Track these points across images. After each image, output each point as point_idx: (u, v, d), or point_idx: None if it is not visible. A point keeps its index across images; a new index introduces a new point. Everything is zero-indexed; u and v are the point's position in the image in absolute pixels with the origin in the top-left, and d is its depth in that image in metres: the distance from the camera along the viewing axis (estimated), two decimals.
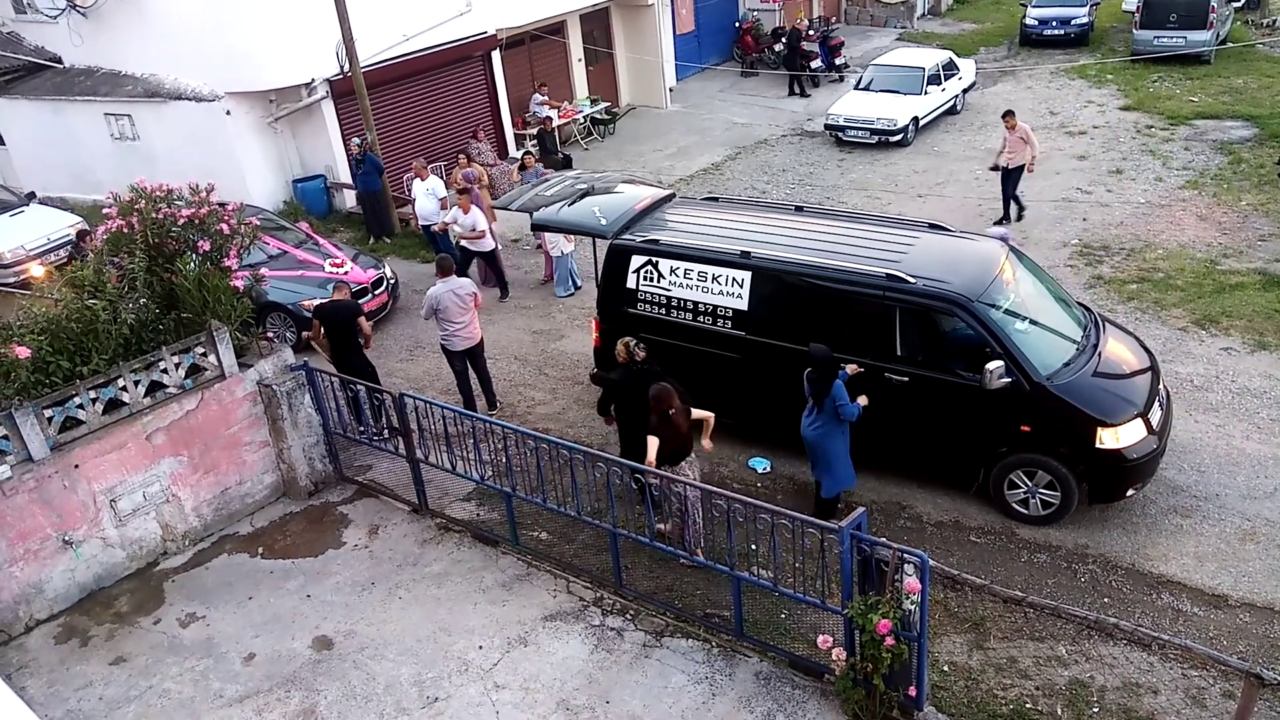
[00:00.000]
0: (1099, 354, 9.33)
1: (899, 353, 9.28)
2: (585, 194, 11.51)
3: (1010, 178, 15.86)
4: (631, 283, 10.48)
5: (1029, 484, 9.11)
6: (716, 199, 12.06)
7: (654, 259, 10.33)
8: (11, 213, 16.41)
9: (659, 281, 10.31)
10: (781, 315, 9.75)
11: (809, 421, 9.00)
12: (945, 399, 9.14)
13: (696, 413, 8.72)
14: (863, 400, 8.93)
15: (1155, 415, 9.07)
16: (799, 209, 11.33)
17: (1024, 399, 8.82)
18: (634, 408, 8.91)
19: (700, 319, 10.16)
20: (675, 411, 8.38)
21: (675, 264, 10.21)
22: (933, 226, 10.42)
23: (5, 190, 17.20)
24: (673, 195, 11.68)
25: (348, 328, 10.69)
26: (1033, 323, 9.35)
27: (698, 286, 10.12)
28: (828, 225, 10.51)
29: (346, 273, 13.67)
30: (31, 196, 17.21)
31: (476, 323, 11.31)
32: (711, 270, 10.02)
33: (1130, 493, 9.04)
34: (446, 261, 11.56)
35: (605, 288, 10.82)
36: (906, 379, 9.25)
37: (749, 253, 9.88)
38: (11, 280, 14.88)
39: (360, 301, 13.41)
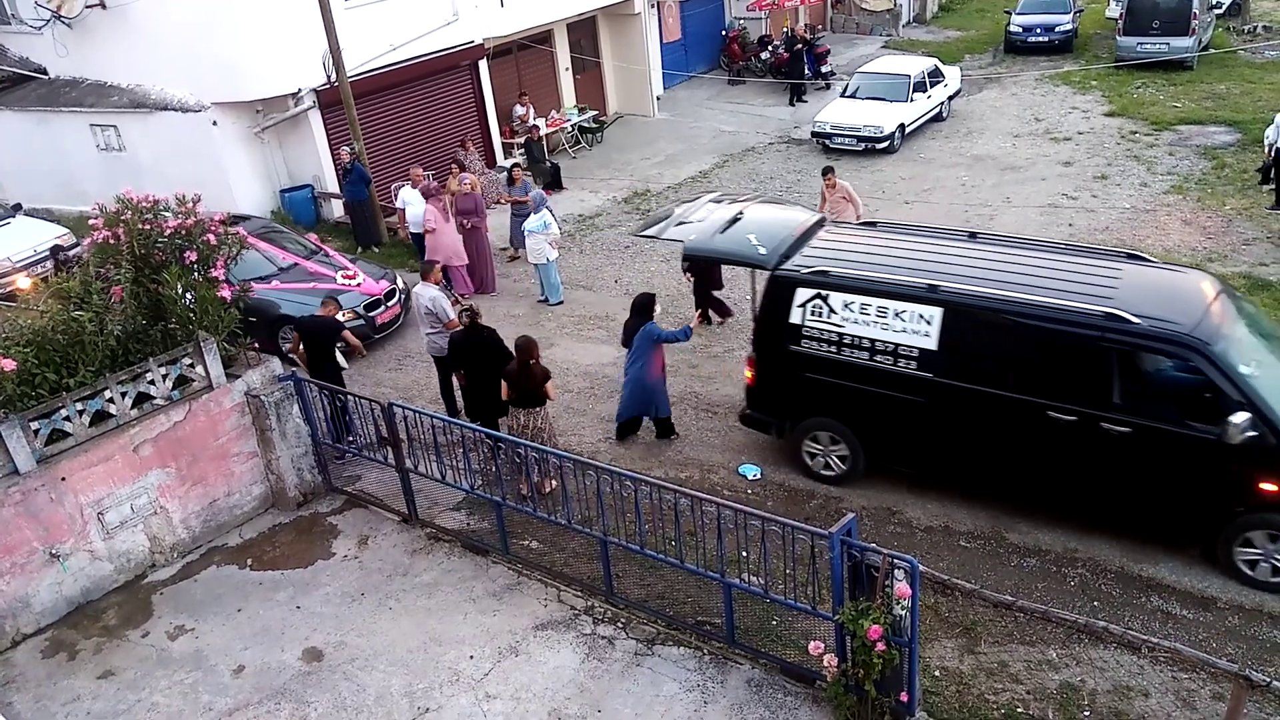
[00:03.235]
0: None
1: (1116, 400, 8.31)
2: (735, 219, 10.58)
3: None
4: (796, 318, 9.54)
5: (1269, 546, 8.13)
6: (874, 224, 11.00)
7: (824, 292, 9.38)
8: None
9: (829, 317, 9.36)
10: (977, 356, 8.83)
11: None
12: (1172, 452, 8.20)
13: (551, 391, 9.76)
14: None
15: None
16: (972, 235, 10.16)
17: (1269, 454, 7.85)
18: (479, 366, 10.10)
19: (878, 359, 9.20)
20: (534, 362, 9.53)
21: (849, 298, 9.25)
22: (1131, 256, 9.46)
23: None
24: (823, 220, 10.81)
25: (327, 345, 10.73)
26: (1265, 365, 8.33)
27: (876, 323, 9.16)
28: (1013, 254, 9.51)
29: (359, 284, 13.60)
30: (17, 208, 17.15)
31: (441, 339, 11.18)
32: (893, 305, 9.05)
33: None
34: (426, 267, 11.81)
35: (764, 322, 9.92)
36: (1127, 429, 8.29)
37: (937, 286, 8.91)
38: None
39: (373, 314, 13.42)
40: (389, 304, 13.83)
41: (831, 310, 9.37)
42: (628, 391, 10.84)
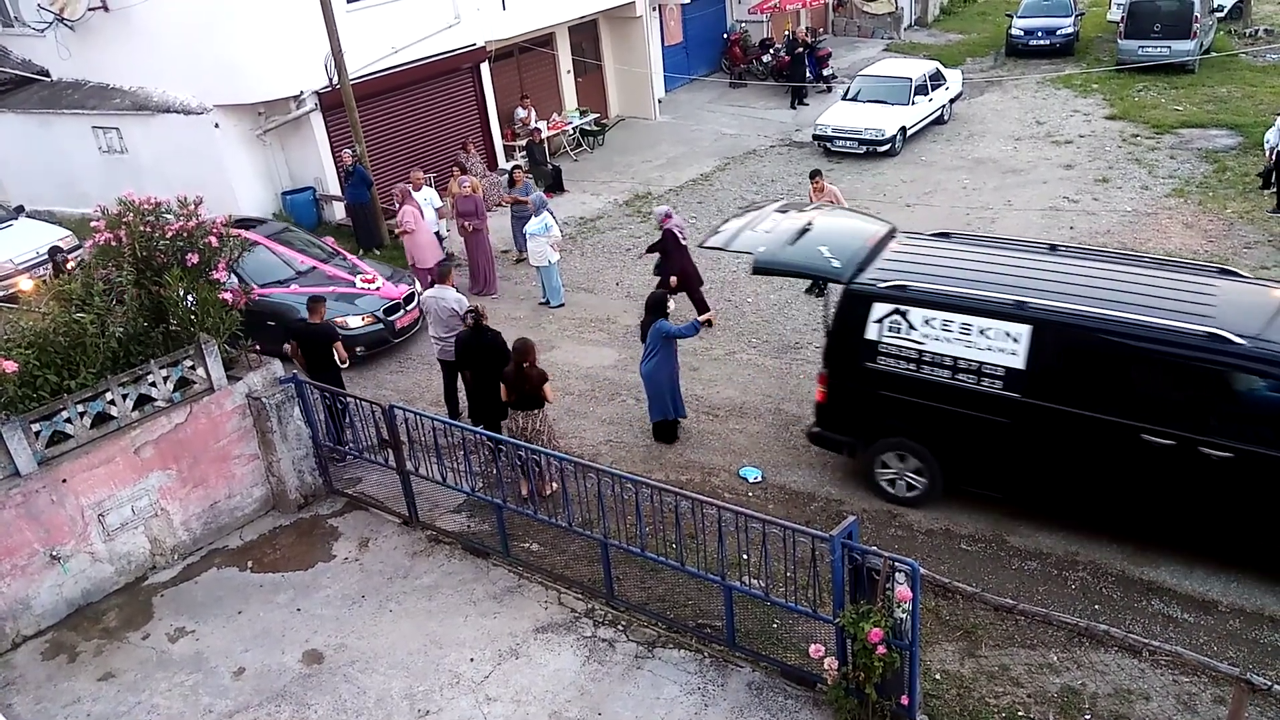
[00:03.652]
0: None
1: (1216, 423, 8.05)
2: (805, 230, 10.21)
3: None
4: (872, 334, 9.18)
5: None
6: (948, 234, 10.42)
7: (903, 308, 9.01)
8: (0, 226, 16.38)
9: (909, 333, 9.00)
10: (1068, 377, 8.50)
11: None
12: (1275, 478, 7.91)
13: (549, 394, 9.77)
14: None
15: None
16: (1053, 248, 9.80)
17: None
18: (484, 368, 10.11)
19: (960, 378, 8.86)
20: (529, 365, 9.52)
21: (930, 314, 8.89)
22: (1223, 271, 9.17)
23: None
24: (894, 230, 10.36)
25: (323, 349, 10.71)
26: None
27: (959, 341, 8.80)
28: (1100, 268, 9.13)
29: (378, 288, 13.54)
30: (20, 210, 17.17)
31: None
32: (978, 322, 8.69)
33: None
34: (444, 269, 11.65)
35: (838, 338, 9.55)
36: (1228, 454, 7.99)
37: (1026, 303, 8.58)
38: (0, 294, 14.82)
39: (392, 318, 13.36)
40: (408, 308, 13.75)
41: (911, 326, 9.00)
42: (647, 391, 10.98)
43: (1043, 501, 9.15)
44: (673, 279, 13.51)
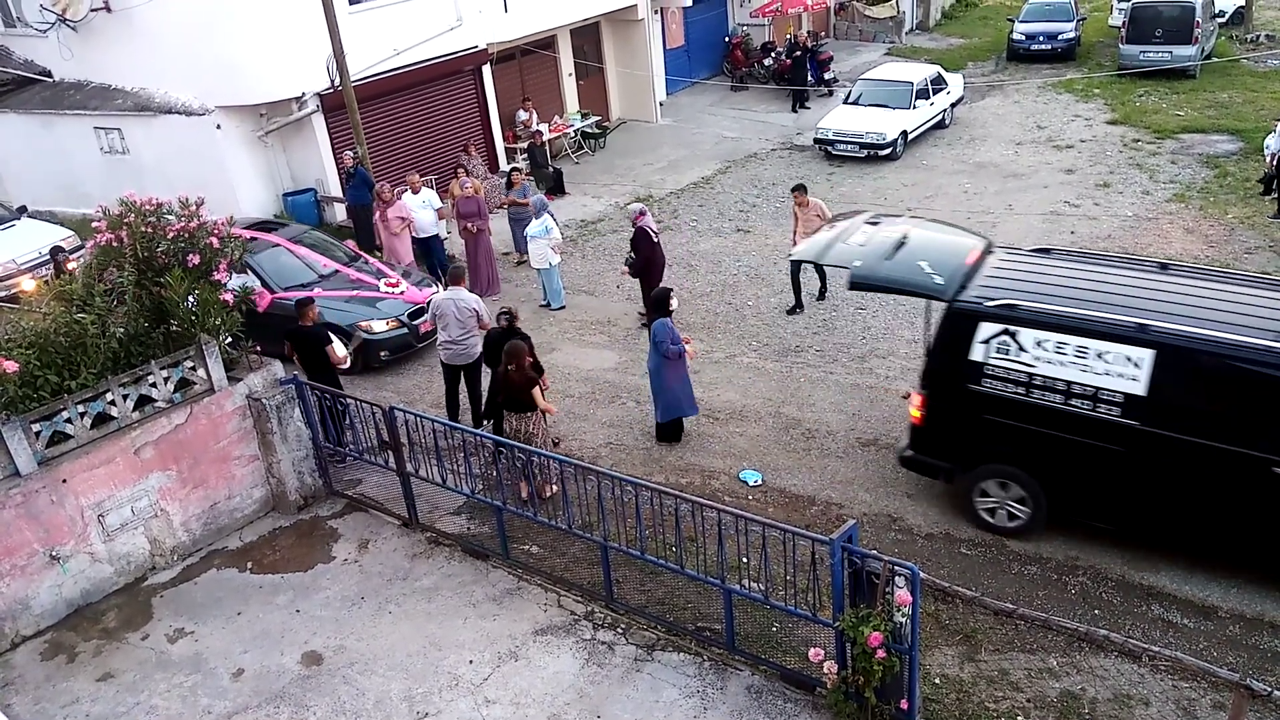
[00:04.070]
0: None
1: None
2: (901, 244, 9.76)
3: None
4: (978, 355, 8.75)
5: None
6: (1048, 250, 10.02)
7: (1013, 328, 8.57)
8: (2, 226, 16.40)
9: (1018, 355, 8.58)
10: (1192, 404, 8.09)
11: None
12: None
13: (540, 399, 9.80)
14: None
15: None
16: (1164, 266, 9.41)
17: None
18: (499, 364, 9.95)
19: (1074, 403, 8.44)
20: (515, 369, 9.59)
21: (1043, 335, 8.46)
22: None
23: None
24: (990, 245, 9.96)
25: (316, 351, 10.65)
26: None
27: (1074, 364, 8.37)
28: (1220, 288, 8.77)
29: (403, 292, 13.49)
30: (23, 210, 17.18)
31: (475, 342, 11.18)
32: (1095, 345, 8.25)
33: None
34: (457, 271, 11.54)
35: (939, 358, 9.15)
36: None
37: (1149, 326, 8.15)
38: (2, 294, 14.83)
39: (416, 322, 13.24)
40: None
41: (1021, 348, 8.56)
42: (652, 389, 11.05)
43: (1158, 535, 8.73)
44: (623, 269, 13.83)
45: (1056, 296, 8.70)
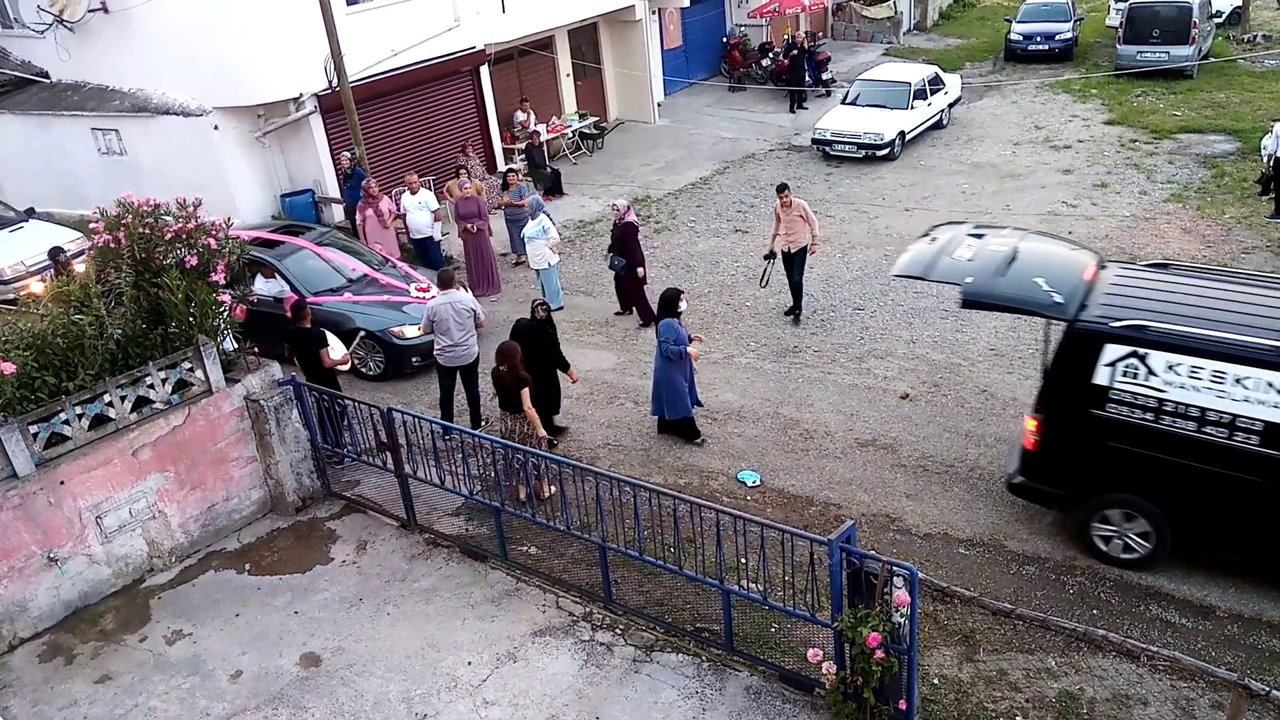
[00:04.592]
0: None
1: None
2: (1012, 258, 9.22)
3: (794, 263, 13.71)
4: (1103, 378, 8.30)
5: None
6: (1165, 265, 9.54)
7: (1142, 351, 8.12)
8: (11, 229, 16.34)
9: (1147, 380, 8.12)
10: None
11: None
12: None
13: (529, 410, 9.70)
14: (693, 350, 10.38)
15: None
16: None
17: None
18: (527, 357, 10.00)
19: (1207, 431, 7.99)
20: (506, 369, 9.61)
21: (1175, 359, 8.00)
22: None
23: (4, 206, 17.08)
24: (1102, 259, 9.51)
25: (312, 352, 10.62)
26: None
27: (1210, 390, 7.91)
28: None
29: (432, 297, 13.11)
30: (30, 213, 17.11)
31: (474, 343, 11.20)
32: (1235, 370, 7.78)
33: None
34: (447, 274, 11.45)
35: (1058, 381, 8.69)
36: None
37: None
38: (11, 296, 14.77)
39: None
40: None
41: (1151, 372, 8.10)
42: (663, 390, 11.04)
43: None
44: (640, 270, 13.85)
45: (1186, 316, 8.20)
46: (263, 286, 12.79)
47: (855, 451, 10.80)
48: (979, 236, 9.84)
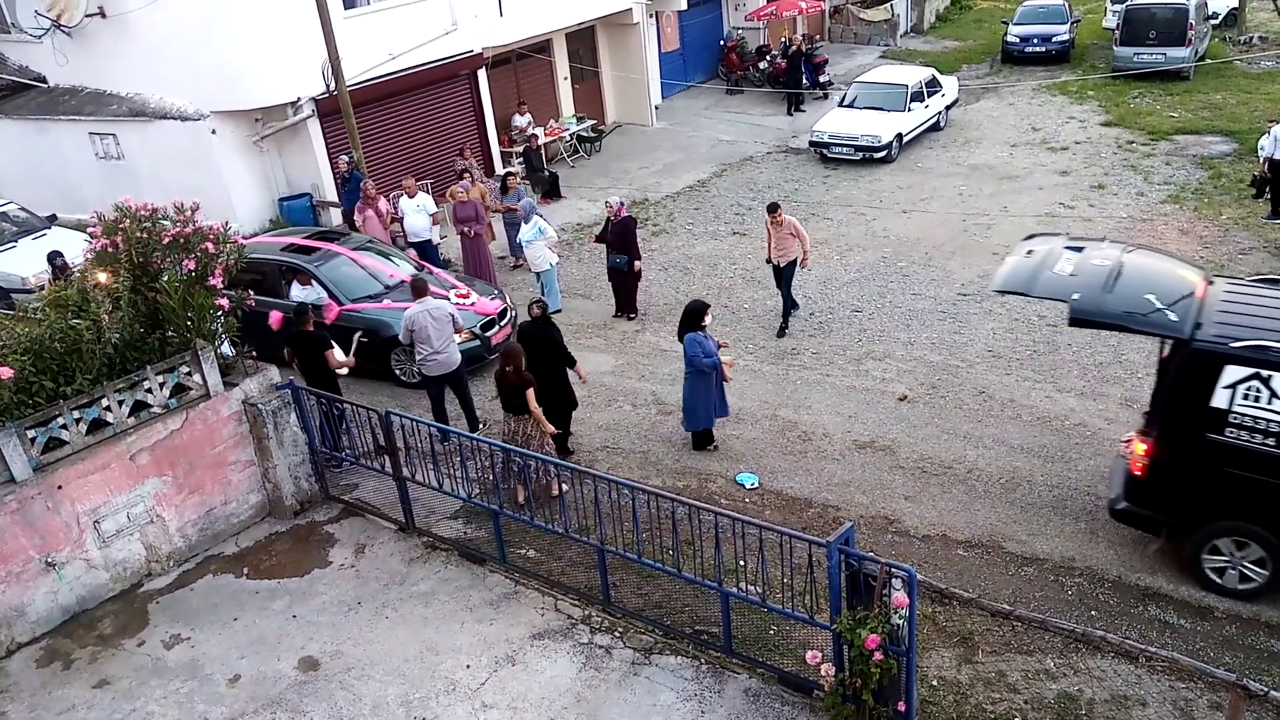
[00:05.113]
0: None
1: None
2: (1118, 274, 8.77)
3: (784, 276, 13.75)
4: (1222, 401, 7.95)
5: None
6: (1275, 280, 9.19)
7: (1265, 373, 7.76)
8: (34, 236, 16.29)
9: (1270, 404, 7.79)
10: None
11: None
12: None
13: (535, 410, 9.70)
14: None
15: None
16: None
17: None
18: (535, 357, 10.13)
19: None
20: (511, 370, 9.62)
21: None
22: None
23: (27, 213, 17.01)
24: (1209, 274, 9.23)
25: (314, 356, 10.58)
26: None
27: None
28: None
29: (473, 304, 13.12)
30: (52, 219, 17.05)
31: (455, 349, 11.11)
32: None
33: None
34: (420, 282, 11.24)
35: (1173, 403, 8.33)
36: None
37: None
38: (37, 304, 14.69)
39: (489, 334, 12.95)
40: (502, 323, 13.34)
41: (1275, 395, 7.79)
42: (686, 404, 10.88)
43: None
44: (637, 264, 13.94)
45: None
46: (299, 293, 12.73)
47: (853, 453, 10.80)
48: (1078, 250, 9.38)
